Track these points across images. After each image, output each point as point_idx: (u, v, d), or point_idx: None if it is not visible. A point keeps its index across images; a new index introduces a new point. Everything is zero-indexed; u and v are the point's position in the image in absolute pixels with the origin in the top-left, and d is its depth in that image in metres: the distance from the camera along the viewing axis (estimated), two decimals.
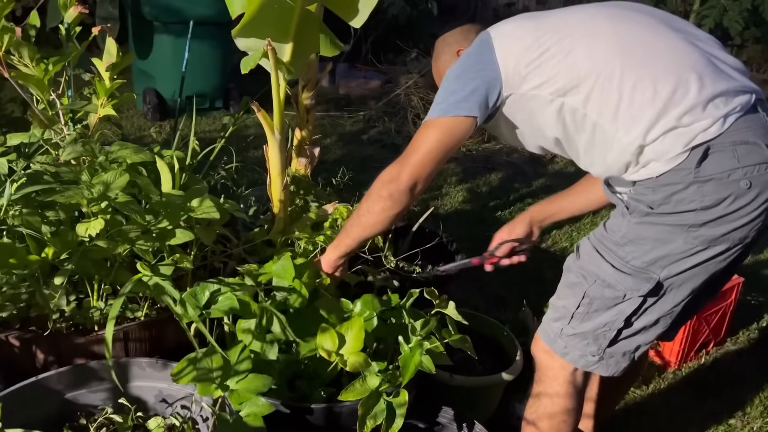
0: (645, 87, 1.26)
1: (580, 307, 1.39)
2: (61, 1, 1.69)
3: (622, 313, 1.35)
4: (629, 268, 1.32)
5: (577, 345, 1.42)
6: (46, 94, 1.68)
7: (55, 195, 1.46)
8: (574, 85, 1.31)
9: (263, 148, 1.94)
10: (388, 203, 1.49)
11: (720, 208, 1.23)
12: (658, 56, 1.29)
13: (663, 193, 1.26)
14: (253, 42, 1.63)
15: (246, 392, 1.34)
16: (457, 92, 1.41)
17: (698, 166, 1.23)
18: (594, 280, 1.36)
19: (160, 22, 4.25)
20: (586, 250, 1.40)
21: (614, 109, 1.29)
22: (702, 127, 1.23)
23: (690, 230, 1.26)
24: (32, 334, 1.54)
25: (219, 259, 1.86)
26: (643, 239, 1.30)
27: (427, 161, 1.45)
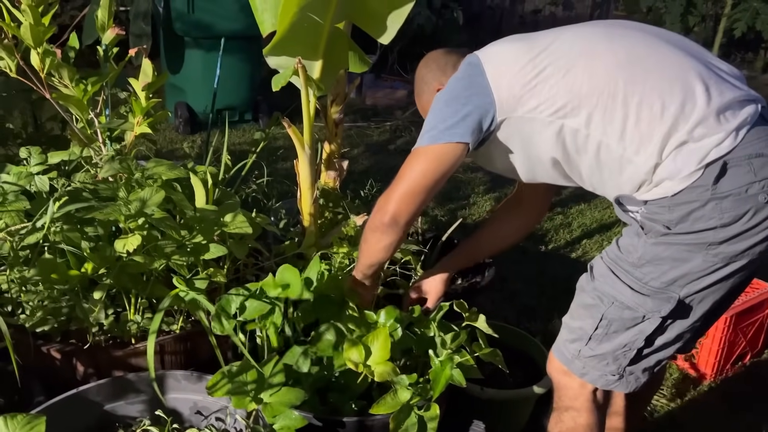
0: (652, 102, 1.23)
1: (599, 329, 1.36)
2: (99, 22, 1.74)
3: (642, 333, 1.32)
4: (648, 289, 1.28)
5: (596, 366, 1.39)
6: (85, 113, 1.74)
7: (95, 212, 1.50)
8: (575, 106, 1.28)
9: (292, 161, 1.97)
10: (378, 235, 1.49)
11: (739, 224, 1.20)
12: (660, 70, 1.26)
13: (680, 211, 1.23)
14: (283, 60, 1.66)
15: (279, 405, 1.36)
16: (447, 119, 1.37)
17: (716, 182, 1.19)
18: (611, 302, 1.32)
19: (190, 38, 4.35)
20: (601, 272, 1.36)
21: (620, 128, 1.25)
22: (714, 142, 1.20)
23: (709, 248, 1.23)
24: (72, 347, 1.59)
25: (251, 272, 1.89)
26: (661, 259, 1.26)
27: (413, 193, 1.42)
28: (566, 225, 3.47)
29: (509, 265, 2.90)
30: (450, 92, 1.41)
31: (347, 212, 2.11)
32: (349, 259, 1.83)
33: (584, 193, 1.41)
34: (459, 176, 4.04)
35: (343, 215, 2.14)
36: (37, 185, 1.71)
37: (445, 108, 1.38)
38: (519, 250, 3.14)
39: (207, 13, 4.25)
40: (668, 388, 2.19)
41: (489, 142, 1.41)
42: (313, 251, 1.89)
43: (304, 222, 1.97)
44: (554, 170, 1.42)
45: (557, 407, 1.49)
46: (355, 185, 3.04)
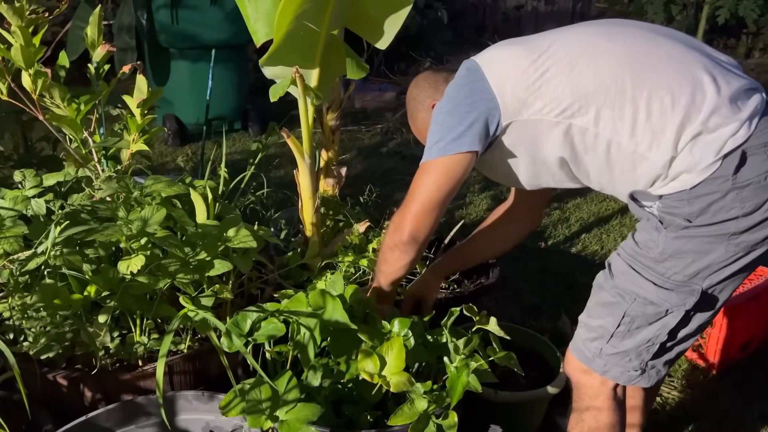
0: (662, 96, 1.22)
1: (621, 326, 1.35)
2: (89, 39, 1.71)
3: (665, 327, 1.32)
4: (671, 283, 1.28)
5: (619, 362, 1.38)
6: (79, 133, 1.70)
7: (96, 234, 1.47)
8: (582, 104, 1.26)
9: (287, 169, 1.95)
10: (397, 254, 1.49)
11: (760, 213, 1.21)
12: (664, 64, 1.25)
13: (700, 204, 1.22)
14: (280, 69, 1.64)
15: (296, 422, 1.34)
16: (453, 129, 1.34)
17: (736, 172, 1.19)
18: (633, 298, 1.31)
19: (176, 49, 4.31)
20: (621, 269, 1.35)
21: (631, 124, 1.24)
22: (730, 131, 1.20)
23: (731, 238, 1.23)
24: (79, 373, 1.55)
25: (256, 286, 1.87)
26: (683, 253, 1.26)
27: (428, 209, 1.40)
28: (564, 220, 3.47)
29: (511, 262, 2.89)
30: (451, 101, 1.38)
31: (349, 220, 2.09)
32: (355, 267, 1.81)
33: (580, 188, 1.39)
34: None
35: (345, 223, 2.11)
36: (33, 209, 1.68)
37: (449, 118, 1.36)
38: (519, 248, 3.12)
39: (191, 24, 4.21)
40: (678, 380, 2.19)
41: (493, 148, 1.40)
42: (318, 261, 1.87)
43: (306, 232, 1.95)
44: (561, 172, 1.41)
45: (577, 407, 1.47)
46: (351, 190, 3.01)
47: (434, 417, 1.42)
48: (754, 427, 2.01)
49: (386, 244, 1.51)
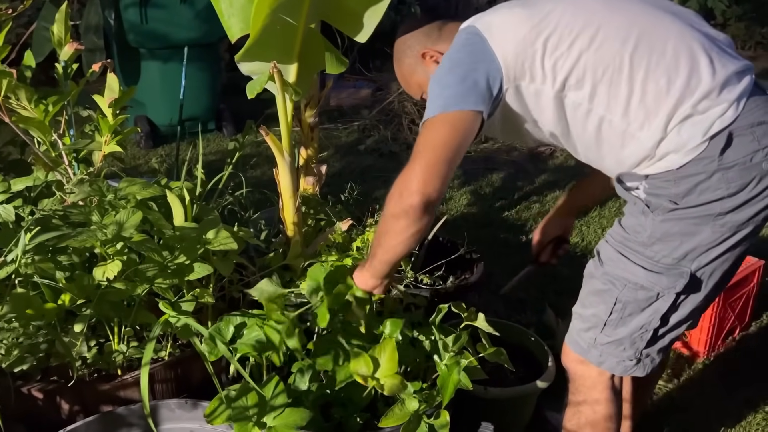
0: (658, 77, 1.22)
1: (613, 313, 1.34)
2: (56, 38, 1.64)
3: (657, 312, 1.32)
4: (660, 266, 1.28)
5: (613, 352, 1.37)
6: (48, 135, 1.64)
7: (69, 240, 1.41)
8: (579, 78, 1.25)
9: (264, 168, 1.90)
10: (404, 222, 1.31)
11: (745, 193, 1.22)
12: (663, 43, 1.24)
13: (686, 184, 1.23)
14: (257, 65, 1.59)
15: (285, 428, 1.30)
16: (453, 86, 1.28)
17: (722, 153, 1.20)
18: (624, 284, 1.31)
19: (146, 49, 4.21)
20: (609, 255, 1.35)
21: (625, 103, 1.24)
22: (718, 113, 1.20)
23: (717, 219, 1.23)
24: (55, 385, 1.50)
25: (237, 289, 1.82)
26: (671, 236, 1.26)
27: (437, 167, 1.27)
28: (544, 213, 3.46)
29: (493, 257, 2.87)
30: (451, 60, 1.32)
31: (330, 218, 2.05)
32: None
33: (558, 179, 1.39)
34: None
35: (327, 222, 2.07)
36: (2, 215, 1.61)
37: (450, 75, 1.29)
38: (500, 242, 3.13)
39: (161, 23, 4.12)
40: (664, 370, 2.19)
41: (496, 111, 1.35)
42: (301, 261, 1.82)
43: (287, 232, 1.90)
44: (551, 140, 1.41)
45: (574, 399, 1.46)
46: (329, 189, 2.97)
47: (425, 417, 1.40)
48: (740, 413, 2.02)
49: (389, 212, 1.32)
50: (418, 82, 1.53)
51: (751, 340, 2.39)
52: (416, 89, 1.56)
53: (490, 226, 3.30)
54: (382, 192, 3.63)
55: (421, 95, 1.54)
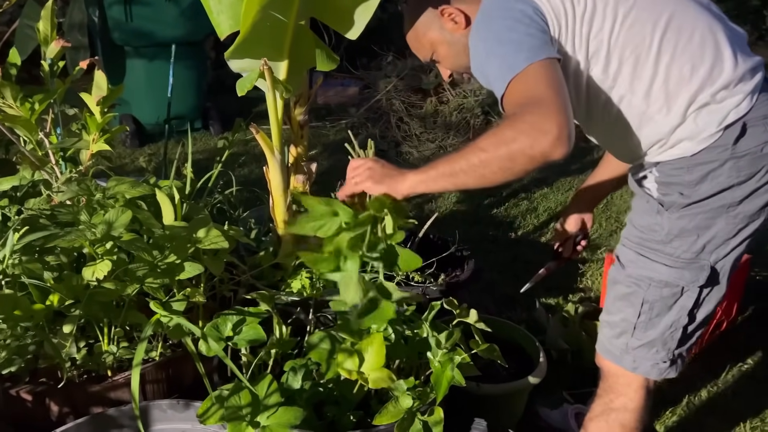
0: (683, 63, 1.23)
1: (641, 315, 1.35)
2: (42, 35, 1.62)
3: (684, 309, 1.33)
4: (681, 262, 1.30)
5: (647, 355, 1.37)
6: (35, 134, 1.61)
7: (57, 240, 1.39)
8: (607, 54, 1.24)
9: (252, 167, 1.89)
10: (530, 165, 1.11)
11: (754, 181, 1.24)
12: (692, 29, 1.25)
13: (699, 172, 1.25)
14: (246, 63, 1.58)
15: (278, 427, 1.29)
16: (524, 41, 1.17)
17: (735, 143, 1.23)
18: (648, 284, 1.33)
19: (131, 47, 4.17)
20: (629, 258, 1.36)
21: (648, 85, 1.24)
22: (734, 103, 1.23)
23: (729, 210, 1.26)
24: (44, 387, 1.47)
25: (228, 288, 1.81)
26: (688, 231, 1.28)
27: (558, 96, 1.11)
28: (532, 210, 3.48)
29: (482, 254, 2.88)
30: (504, 17, 1.22)
31: None
32: None
33: (546, 177, 1.38)
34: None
35: None
36: None
37: (511, 32, 1.19)
38: (490, 239, 3.14)
39: (146, 21, 4.08)
40: None
41: None
42: (292, 260, 1.81)
43: (278, 230, 1.89)
44: None
45: (605, 397, 1.45)
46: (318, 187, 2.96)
47: (419, 414, 1.39)
48: (728, 406, 2.04)
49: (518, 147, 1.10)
50: (431, 41, 1.43)
51: (738, 334, 2.42)
52: (427, 48, 1.45)
53: (480, 224, 3.31)
54: None
55: (431, 56, 1.46)
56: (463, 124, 4.55)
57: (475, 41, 1.27)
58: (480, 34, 1.26)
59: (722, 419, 1.98)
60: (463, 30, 1.38)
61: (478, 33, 1.27)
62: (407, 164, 4.10)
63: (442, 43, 1.42)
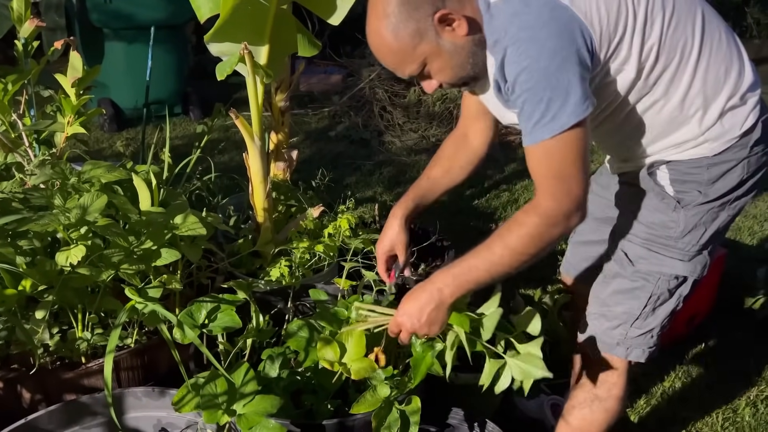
0: (718, 65, 1.24)
1: (646, 307, 1.38)
2: (15, 14, 1.58)
3: (681, 296, 1.38)
4: (690, 254, 1.33)
5: (641, 343, 1.41)
6: (8, 115, 1.57)
7: (30, 224, 1.36)
8: (653, 61, 1.18)
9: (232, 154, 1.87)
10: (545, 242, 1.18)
11: (757, 178, 1.32)
12: (718, 29, 1.26)
13: (717, 170, 1.28)
14: (227, 47, 1.55)
15: (255, 415, 1.28)
16: (571, 89, 1.08)
17: (755, 143, 1.27)
18: (658, 277, 1.35)
19: (109, 29, 4.09)
20: (639, 254, 1.37)
21: (685, 90, 1.22)
22: (754, 104, 1.27)
23: (732, 203, 1.31)
24: (16, 373, 1.45)
25: (205, 275, 1.79)
26: (697, 226, 1.32)
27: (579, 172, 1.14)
28: (513, 201, 3.49)
29: (464, 245, 2.86)
30: (555, 46, 1.08)
31: (301, 205, 2.02)
32: (310, 253, 1.75)
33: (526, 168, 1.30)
34: (404, 159, 4.00)
35: (297, 208, 2.05)
36: None
37: (559, 72, 1.08)
38: (472, 230, 3.14)
39: (125, 2, 4.00)
40: None
41: None
42: (271, 248, 1.80)
43: (257, 218, 1.87)
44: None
45: (588, 383, 1.47)
46: (299, 175, 2.94)
47: (397, 403, 1.39)
48: (701, 397, 2.07)
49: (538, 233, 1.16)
50: (425, 54, 1.16)
51: (712, 327, 2.45)
52: (417, 63, 1.18)
53: (461, 214, 3.31)
54: (353, 179, 3.61)
55: (420, 70, 1.20)
56: (446, 114, 4.54)
57: (516, 65, 1.10)
58: (523, 61, 1.09)
59: (696, 410, 2.01)
60: (466, 36, 1.16)
61: (521, 56, 1.10)
62: (389, 153, 4.09)
63: (440, 54, 1.17)
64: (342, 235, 1.80)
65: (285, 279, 1.78)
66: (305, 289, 1.73)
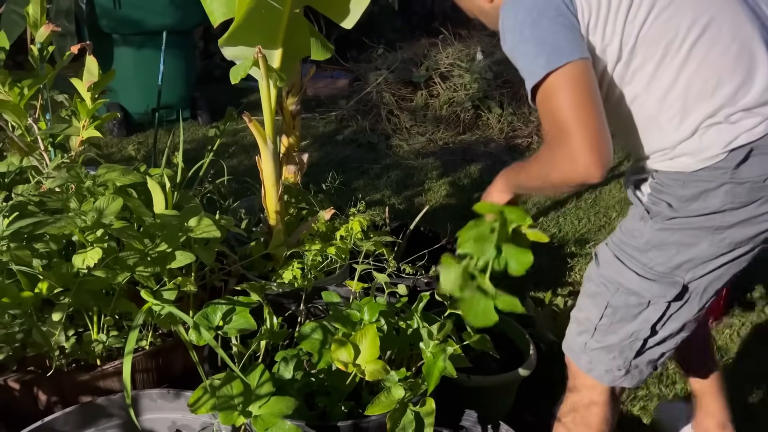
0: (709, 75, 1.14)
1: (603, 318, 1.31)
2: (31, 19, 1.59)
3: (647, 321, 1.28)
4: (653, 274, 1.24)
5: (603, 359, 1.34)
6: (24, 119, 1.59)
7: (47, 227, 1.37)
8: (631, 48, 1.16)
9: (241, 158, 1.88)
10: (572, 189, 1.21)
11: (749, 210, 1.17)
12: (730, 40, 1.15)
13: (693, 189, 1.17)
14: (240, 50, 1.56)
15: (271, 417, 1.29)
16: (547, 39, 1.14)
17: (736, 168, 1.14)
18: (617, 288, 1.28)
19: (119, 35, 4.12)
20: (606, 258, 1.32)
21: (665, 90, 1.16)
22: (747, 126, 1.14)
23: (716, 233, 1.19)
24: (32, 375, 1.46)
25: (218, 278, 1.80)
26: (668, 245, 1.22)
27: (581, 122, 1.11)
28: (521, 204, 3.49)
29: None
30: (530, 6, 1.17)
31: (312, 208, 2.03)
32: (322, 256, 1.76)
33: None
34: (411, 163, 4.01)
35: (308, 211, 2.06)
36: None
37: (536, 28, 1.15)
38: None
39: (135, 8, 4.03)
40: None
41: None
42: (283, 250, 1.81)
43: (269, 220, 1.88)
44: None
45: (571, 397, 1.42)
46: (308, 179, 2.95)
47: (411, 405, 1.39)
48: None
49: (556, 177, 1.16)
50: (473, 8, 1.40)
51: (723, 331, 2.44)
52: (472, 12, 1.43)
53: (470, 217, 3.30)
54: (361, 182, 3.62)
55: (474, 17, 1.44)
56: (453, 118, 4.55)
57: (502, 26, 1.20)
58: (507, 20, 1.19)
59: None
60: (493, 4, 1.33)
61: (506, 17, 1.20)
62: (397, 157, 4.10)
63: (480, 12, 1.39)
64: (354, 237, 1.81)
65: (297, 281, 1.79)
66: (317, 291, 1.74)
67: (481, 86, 4.61)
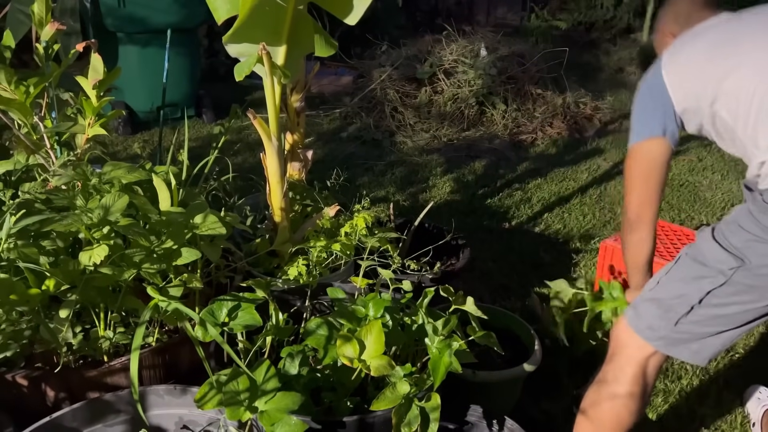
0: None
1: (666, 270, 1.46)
2: (37, 17, 1.60)
3: (701, 291, 1.33)
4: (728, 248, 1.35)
5: (647, 312, 1.40)
6: (29, 117, 1.60)
7: (54, 224, 1.38)
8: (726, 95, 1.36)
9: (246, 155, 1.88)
10: (625, 235, 1.63)
11: None
12: None
13: None
14: (245, 47, 1.57)
15: (277, 412, 1.29)
16: (638, 118, 1.53)
17: None
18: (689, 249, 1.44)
19: (123, 33, 4.13)
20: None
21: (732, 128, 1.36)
22: None
23: None
24: (40, 372, 1.47)
25: (224, 275, 1.80)
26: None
27: (632, 191, 1.56)
28: (526, 200, 3.49)
29: (477, 244, 2.89)
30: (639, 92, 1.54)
31: (317, 204, 2.03)
32: (327, 252, 1.76)
33: (539, 167, 1.40)
34: (416, 159, 4.01)
35: (313, 208, 2.06)
36: None
37: (639, 99, 1.53)
38: (485, 229, 3.14)
39: (139, 7, 4.04)
40: None
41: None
42: (288, 247, 1.81)
43: (274, 217, 1.89)
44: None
45: (603, 373, 1.46)
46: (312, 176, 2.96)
47: (417, 400, 1.40)
48: (720, 395, 2.06)
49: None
50: (661, 42, 1.67)
51: None
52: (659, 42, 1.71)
53: (474, 213, 3.31)
54: (366, 179, 3.63)
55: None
56: (457, 114, 4.55)
57: None
58: None
59: (714, 408, 2.01)
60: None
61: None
62: (401, 153, 4.10)
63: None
64: (358, 234, 1.81)
65: (302, 278, 1.79)
66: (322, 287, 1.74)
67: (485, 82, 4.60)
